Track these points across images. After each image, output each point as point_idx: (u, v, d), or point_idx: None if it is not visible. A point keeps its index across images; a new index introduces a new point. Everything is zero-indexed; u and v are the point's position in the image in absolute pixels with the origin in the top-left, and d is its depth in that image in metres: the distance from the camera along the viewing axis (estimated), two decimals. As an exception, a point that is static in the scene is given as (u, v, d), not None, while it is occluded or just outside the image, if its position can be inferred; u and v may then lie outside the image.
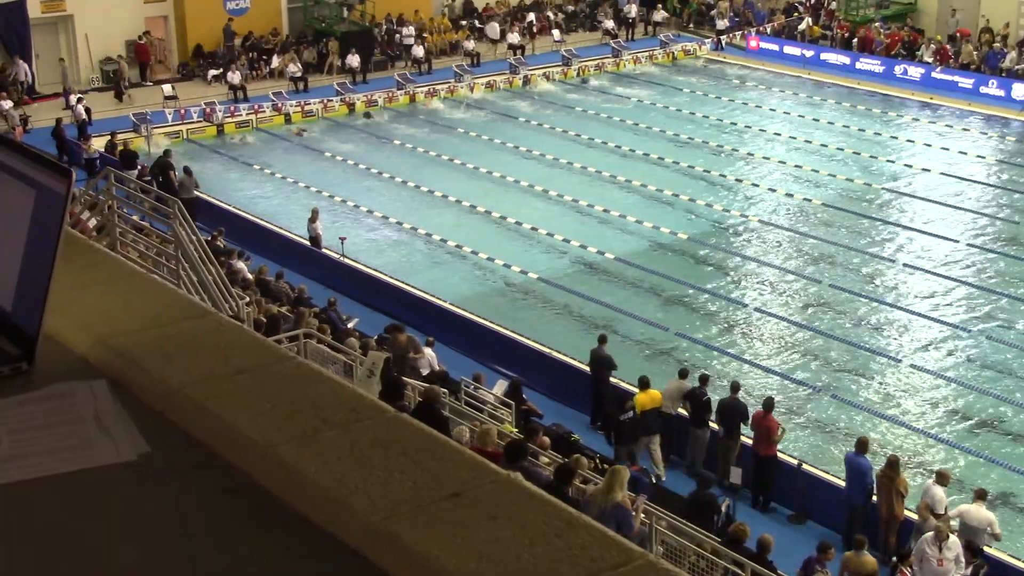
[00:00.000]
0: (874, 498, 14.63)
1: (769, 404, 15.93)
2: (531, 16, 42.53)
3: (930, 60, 38.32)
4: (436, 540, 1.94)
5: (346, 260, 23.08)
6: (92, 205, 13.11)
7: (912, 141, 32.57)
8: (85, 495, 2.16)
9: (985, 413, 18.20)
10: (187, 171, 25.90)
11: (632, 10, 43.99)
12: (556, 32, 42.45)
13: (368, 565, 1.96)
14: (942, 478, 14.43)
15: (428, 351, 17.62)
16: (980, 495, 14.05)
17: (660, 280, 22.97)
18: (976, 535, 13.61)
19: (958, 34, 39.39)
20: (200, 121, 32.47)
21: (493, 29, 41.87)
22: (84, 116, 30.70)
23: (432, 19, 41.91)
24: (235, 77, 35.37)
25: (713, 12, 43.84)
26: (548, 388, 18.40)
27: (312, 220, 23.57)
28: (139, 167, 26.12)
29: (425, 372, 16.75)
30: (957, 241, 25.30)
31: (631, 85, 38.20)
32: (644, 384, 16.69)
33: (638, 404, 16.49)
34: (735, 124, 34.05)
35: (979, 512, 13.79)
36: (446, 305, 21.11)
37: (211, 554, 2.01)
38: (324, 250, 23.37)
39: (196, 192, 25.22)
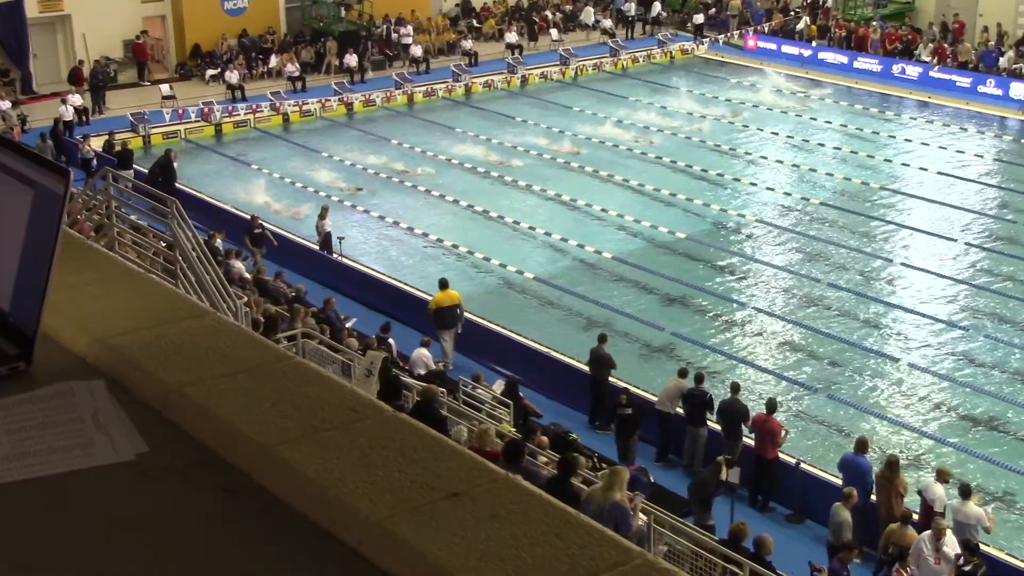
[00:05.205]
0: (873, 498, 14.61)
1: (772, 406, 15.83)
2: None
3: (928, 59, 38.30)
4: (436, 540, 1.94)
5: (344, 260, 23.06)
6: (90, 205, 13.10)
7: (910, 140, 32.54)
8: (84, 495, 2.15)
9: (984, 413, 18.18)
10: (43, 137, 27.82)
11: (631, 8, 43.98)
12: (554, 32, 42.44)
13: (368, 565, 1.95)
14: (942, 475, 14.40)
15: (423, 351, 17.59)
16: (964, 492, 14.00)
17: (659, 280, 22.95)
18: (968, 532, 13.59)
19: (955, 25, 39.22)
20: (198, 121, 32.48)
21: (588, 14, 42.12)
22: (69, 116, 30.82)
23: (430, 18, 41.87)
24: (233, 77, 35.34)
25: (699, 15, 43.76)
26: (547, 388, 18.38)
27: (321, 217, 23.50)
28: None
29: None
30: (955, 240, 25.29)
31: (629, 84, 38.17)
32: (443, 284, 18.67)
33: (435, 303, 18.33)
34: (733, 123, 34.03)
35: (965, 508, 13.78)
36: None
37: (211, 554, 2.01)
38: (335, 254, 23.25)
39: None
